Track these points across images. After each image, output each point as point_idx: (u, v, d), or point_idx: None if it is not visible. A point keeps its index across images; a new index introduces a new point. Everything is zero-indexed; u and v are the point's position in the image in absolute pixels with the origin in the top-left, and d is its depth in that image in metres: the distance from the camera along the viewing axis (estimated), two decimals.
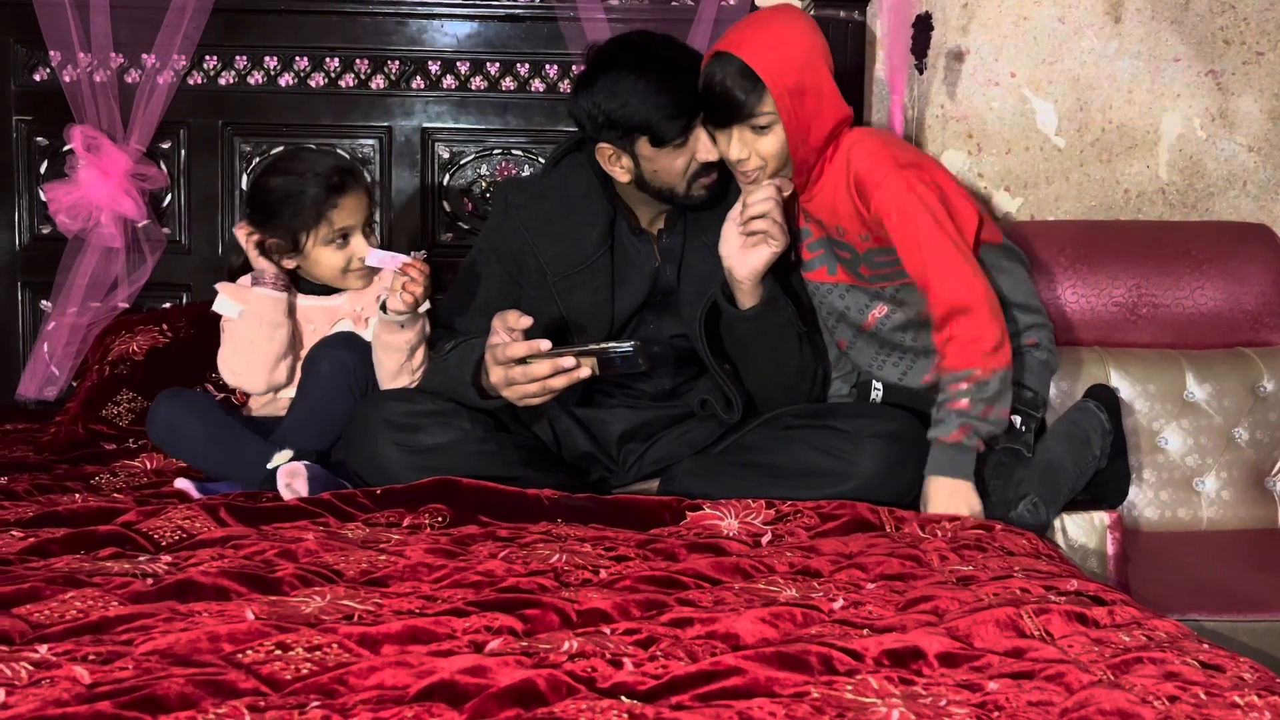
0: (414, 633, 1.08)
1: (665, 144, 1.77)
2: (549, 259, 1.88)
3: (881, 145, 1.80)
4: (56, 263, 2.44)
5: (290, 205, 1.91)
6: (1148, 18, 2.61)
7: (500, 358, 1.69)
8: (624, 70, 1.78)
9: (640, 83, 1.76)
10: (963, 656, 1.07)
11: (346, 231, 1.93)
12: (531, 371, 1.67)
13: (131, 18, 2.42)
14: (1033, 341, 1.89)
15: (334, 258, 1.93)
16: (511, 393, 1.71)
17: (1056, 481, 1.78)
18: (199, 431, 1.82)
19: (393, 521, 1.54)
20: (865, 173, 1.75)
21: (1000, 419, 1.73)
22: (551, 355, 1.66)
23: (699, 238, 1.89)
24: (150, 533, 1.44)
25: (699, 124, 1.79)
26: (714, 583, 1.31)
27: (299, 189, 1.91)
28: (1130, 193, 2.65)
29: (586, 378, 1.69)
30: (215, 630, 1.05)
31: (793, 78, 1.72)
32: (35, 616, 1.10)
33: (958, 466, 1.71)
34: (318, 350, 1.89)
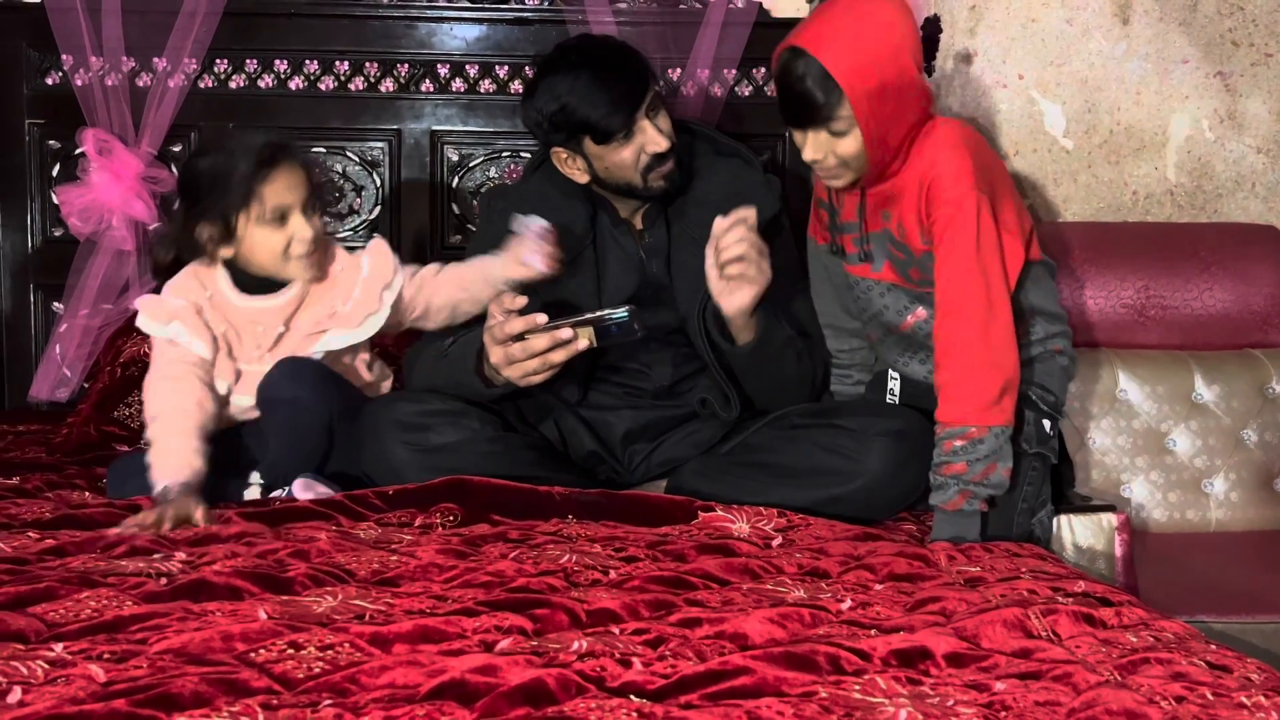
0: (425, 632, 1.09)
1: (609, 139, 1.80)
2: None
3: (970, 157, 1.71)
4: (68, 265, 2.46)
5: (219, 185, 1.73)
6: (1156, 19, 2.61)
7: (499, 336, 1.71)
8: (560, 73, 1.81)
9: (575, 82, 1.79)
10: (970, 657, 1.08)
11: (283, 210, 1.74)
12: (530, 346, 1.68)
13: (143, 22, 2.44)
14: (1058, 349, 1.87)
15: (272, 239, 1.74)
16: (513, 371, 1.70)
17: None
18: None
19: (404, 522, 1.55)
20: (941, 184, 1.69)
21: (1000, 479, 1.67)
22: (548, 328, 1.67)
23: (686, 231, 1.89)
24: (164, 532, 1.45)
25: (641, 116, 1.79)
26: (723, 583, 1.32)
27: (226, 166, 1.74)
28: (1138, 194, 2.65)
29: (585, 349, 1.69)
30: (228, 629, 1.06)
31: (874, 81, 1.65)
32: (51, 616, 1.11)
33: (963, 530, 1.67)
34: (269, 393, 1.73)
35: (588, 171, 1.87)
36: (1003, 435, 1.67)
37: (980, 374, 1.66)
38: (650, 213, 1.93)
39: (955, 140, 1.73)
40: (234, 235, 1.75)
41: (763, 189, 1.93)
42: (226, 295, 1.81)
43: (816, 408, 1.88)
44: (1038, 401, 1.80)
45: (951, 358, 1.69)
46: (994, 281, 1.69)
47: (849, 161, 1.72)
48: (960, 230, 1.68)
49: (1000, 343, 1.68)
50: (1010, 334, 1.69)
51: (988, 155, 1.82)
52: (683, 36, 2.49)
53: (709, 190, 1.91)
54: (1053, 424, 1.81)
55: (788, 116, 1.72)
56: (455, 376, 1.80)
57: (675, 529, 1.55)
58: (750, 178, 1.94)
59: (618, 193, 1.89)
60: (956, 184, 1.69)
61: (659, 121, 1.83)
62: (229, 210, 1.73)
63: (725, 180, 1.92)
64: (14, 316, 2.53)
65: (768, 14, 2.57)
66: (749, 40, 2.49)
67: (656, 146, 1.81)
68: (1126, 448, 2.26)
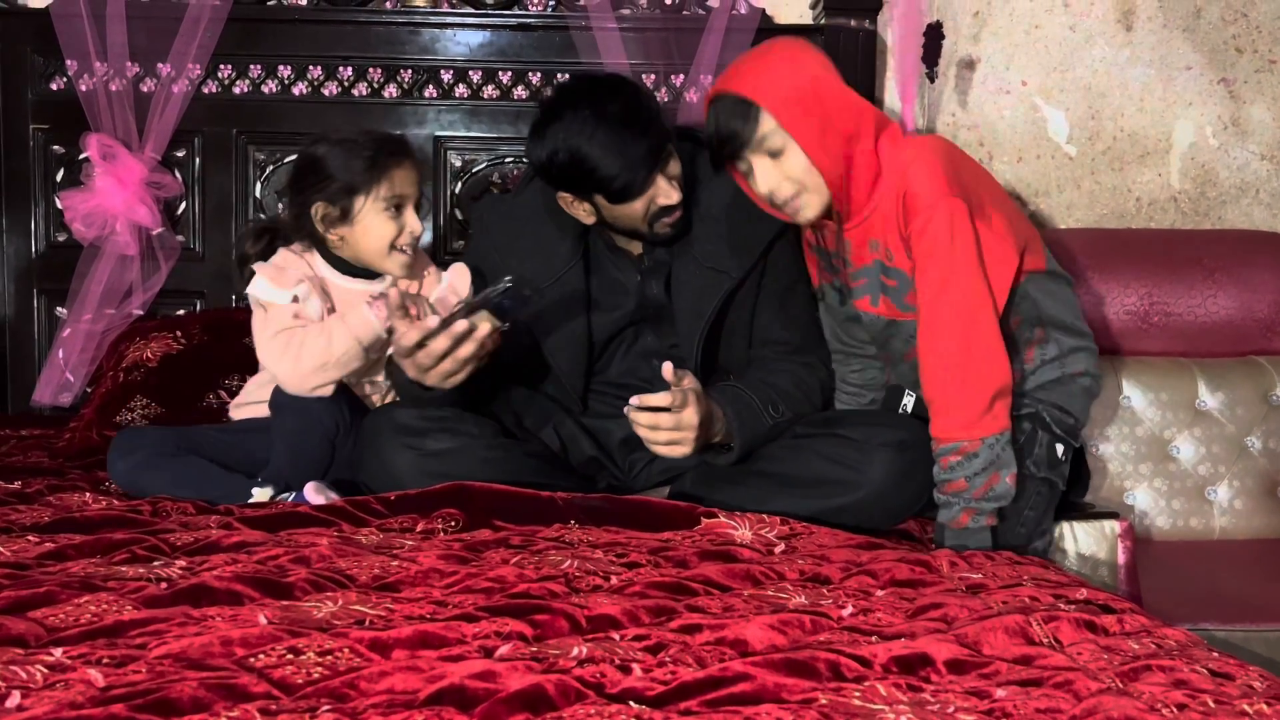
0: (424, 638, 1.09)
1: (624, 200, 1.76)
2: (519, 275, 1.87)
3: (941, 163, 1.68)
4: (72, 270, 2.46)
5: (350, 164, 1.77)
6: (1159, 26, 2.61)
7: (399, 352, 1.67)
8: (572, 122, 1.72)
9: (591, 138, 1.70)
10: (971, 663, 1.07)
11: (401, 201, 1.79)
12: (432, 350, 1.63)
13: (147, 27, 2.45)
14: (1079, 371, 1.80)
15: (386, 226, 1.78)
16: (432, 377, 1.66)
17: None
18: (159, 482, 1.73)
19: (406, 527, 1.55)
20: (915, 195, 1.66)
21: (1005, 489, 1.64)
22: (443, 328, 1.62)
23: (688, 249, 1.87)
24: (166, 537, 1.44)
25: (657, 173, 1.75)
26: (724, 589, 1.31)
27: (358, 147, 1.79)
28: (1142, 201, 2.65)
29: (492, 331, 1.64)
30: (228, 634, 1.06)
31: (786, 87, 1.65)
32: (50, 620, 1.11)
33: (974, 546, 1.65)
34: (280, 398, 1.77)
35: (593, 214, 1.82)
36: (998, 444, 1.64)
37: (966, 386, 1.64)
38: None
39: (924, 150, 1.70)
40: (349, 217, 1.77)
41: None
42: (327, 275, 1.85)
43: (820, 417, 1.87)
44: (1051, 424, 1.75)
45: (935, 371, 1.66)
46: (973, 287, 1.65)
47: (802, 180, 1.69)
48: (934, 237, 1.64)
49: (984, 351, 1.64)
50: (994, 340, 1.65)
51: (965, 163, 1.79)
52: (686, 43, 2.49)
53: (710, 203, 1.88)
54: (1066, 448, 1.77)
55: (725, 156, 1.72)
56: (405, 391, 1.78)
57: (678, 534, 1.55)
58: None
59: (623, 234, 1.87)
60: (928, 191, 1.65)
61: (670, 171, 1.78)
62: (355, 187, 1.76)
63: (728, 191, 1.87)
64: (18, 321, 2.53)
65: (771, 20, 2.57)
66: (752, 46, 2.49)
67: (668, 200, 1.77)
68: (1130, 455, 2.26)
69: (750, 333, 1.92)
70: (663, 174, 1.76)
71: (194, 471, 1.76)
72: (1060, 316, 1.82)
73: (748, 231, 1.86)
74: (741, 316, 1.91)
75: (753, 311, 1.91)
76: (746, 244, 1.86)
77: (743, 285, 1.88)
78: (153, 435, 1.84)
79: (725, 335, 1.90)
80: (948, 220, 1.64)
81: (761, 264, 1.89)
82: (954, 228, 1.64)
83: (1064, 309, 1.84)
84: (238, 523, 1.52)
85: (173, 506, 1.64)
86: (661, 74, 2.54)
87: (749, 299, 1.91)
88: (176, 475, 1.74)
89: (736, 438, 1.77)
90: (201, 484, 1.74)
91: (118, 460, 1.78)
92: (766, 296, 1.91)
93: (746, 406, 1.79)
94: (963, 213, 1.65)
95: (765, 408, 1.81)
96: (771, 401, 1.81)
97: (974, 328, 1.65)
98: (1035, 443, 1.74)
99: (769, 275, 1.91)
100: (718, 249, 1.85)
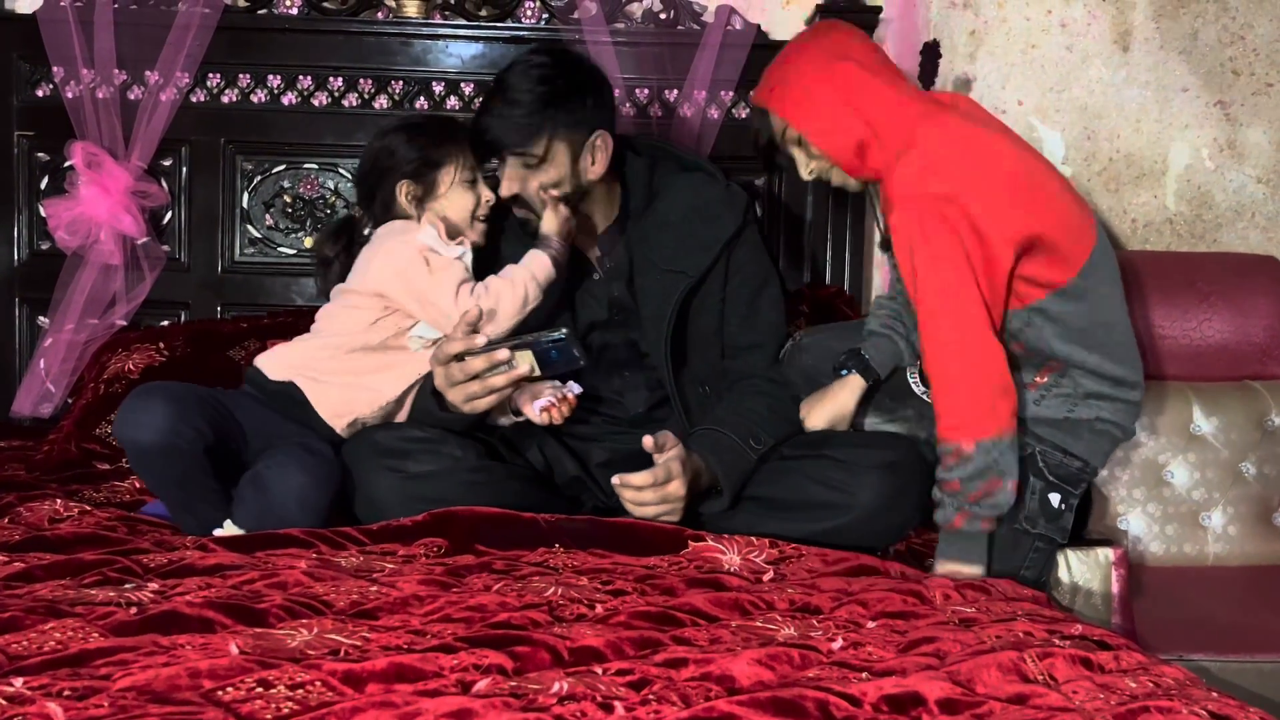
0: (400, 670, 1.06)
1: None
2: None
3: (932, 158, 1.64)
4: (55, 279, 2.43)
5: (427, 143, 1.86)
6: (1156, 47, 2.60)
7: (440, 357, 1.68)
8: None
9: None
10: (964, 703, 1.04)
11: (474, 176, 1.87)
12: (468, 367, 1.65)
13: (135, 35, 2.42)
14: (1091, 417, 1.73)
15: (467, 198, 1.86)
16: (456, 394, 1.68)
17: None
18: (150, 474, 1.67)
19: (387, 551, 1.51)
20: (891, 189, 1.66)
21: (1005, 497, 1.61)
22: (487, 350, 1.64)
23: (646, 256, 1.87)
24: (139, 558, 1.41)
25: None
26: (711, 620, 1.28)
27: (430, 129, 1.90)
28: (1137, 223, 2.63)
29: (526, 375, 1.66)
30: (196, 665, 1.02)
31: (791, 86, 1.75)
32: (13, 648, 1.08)
33: (966, 552, 1.64)
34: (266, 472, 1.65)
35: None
36: (995, 449, 1.59)
37: (960, 385, 1.61)
38: (606, 237, 1.91)
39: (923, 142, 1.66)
40: (434, 193, 1.85)
41: (723, 204, 1.90)
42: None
43: (807, 439, 1.84)
44: (1045, 470, 1.70)
45: (930, 369, 1.65)
46: (953, 283, 1.60)
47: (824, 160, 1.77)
48: (904, 238, 1.63)
49: (977, 353, 1.60)
50: (985, 337, 1.60)
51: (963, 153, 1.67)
52: (680, 58, 2.48)
53: (669, 211, 1.88)
54: (1064, 498, 1.70)
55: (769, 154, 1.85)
56: (420, 401, 1.78)
57: (664, 560, 1.52)
58: (712, 193, 1.91)
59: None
60: (906, 186, 1.63)
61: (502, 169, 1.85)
62: (438, 162, 1.84)
63: (687, 198, 1.89)
64: None
65: (766, 36, 2.55)
66: (746, 62, 2.48)
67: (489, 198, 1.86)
68: (1124, 479, 2.23)
69: (720, 340, 1.90)
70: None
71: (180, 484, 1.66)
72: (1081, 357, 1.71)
73: (704, 233, 1.87)
74: (708, 322, 1.90)
75: (720, 319, 1.89)
76: (703, 244, 1.87)
77: (702, 285, 1.87)
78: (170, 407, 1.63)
79: (692, 341, 1.89)
80: (917, 221, 1.61)
81: (724, 266, 1.89)
82: (925, 227, 1.60)
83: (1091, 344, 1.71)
84: (214, 544, 1.48)
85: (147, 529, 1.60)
86: (655, 89, 2.52)
87: (713, 304, 1.89)
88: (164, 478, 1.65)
89: (724, 484, 1.76)
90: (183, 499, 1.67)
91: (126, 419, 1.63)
92: (733, 301, 1.90)
93: (728, 450, 1.78)
94: (940, 212, 1.59)
95: (746, 441, 1.79)
96: (751, 434, 1.80)
97: (962, 326, 1.61)
98: (1028, 491, 1.68)
99: (734, 279, 1.90)
100: (675, 252, 1.86)
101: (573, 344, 1.63)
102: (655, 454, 1.68)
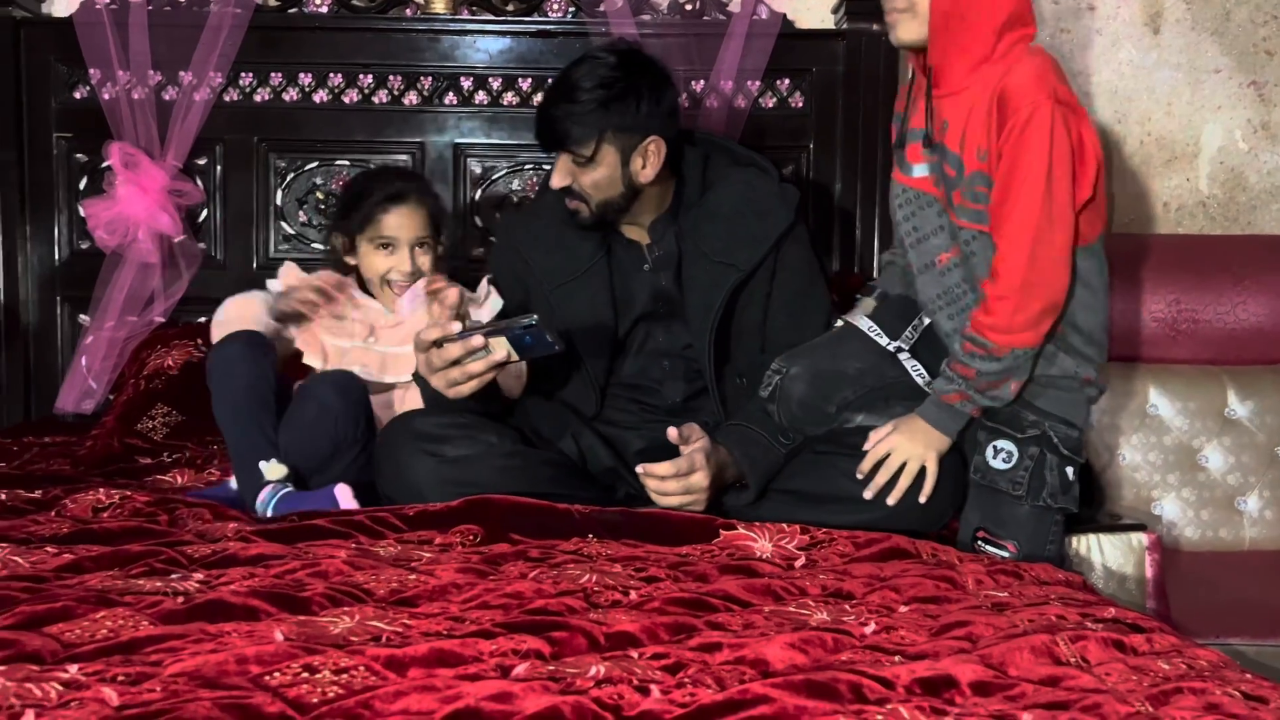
0: (441, 655, 1.08)
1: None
2: (544, 270, 1.90)
3: (1049, 71, 1.66)
4: (95, 277, 2.48)
5: (351, 205, 2.00)
6: (1187, 29, 2.58)
7: (418, 344, 1.70)
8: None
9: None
10: (996, 685, 1.05)
11: (391, 242, 1.96)
12: (445, 354, 1.66)
13: (169, 36, 2.46)
14: (1088, 377, 1.75)
15: (376, 262, 1.98)
16: (438, 380, 1.69)
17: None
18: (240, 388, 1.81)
19: (424, 539, 1.54)
20: (1017, 91, 1.62)
21: (1006, 395, 1.69)
22: (462, 336, 1.66)
23: (697, 246, 1.87)
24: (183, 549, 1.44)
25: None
26: (744, 605, 1.30)
27: (361, 191, 2.01)
28: (1170, 206, 2.61)
29: (503, 360, 1.67)
30: (243, 652, 1.05)
31: None
32: (67, 636, 1.11)
33: (943, 422, 1.71)
34: (311, 387, 1.85)
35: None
36: (1023, 355, 1.67)
37: (1022, 291, 1.63)
38: (657, 226, 1.91)
39: (1035, 55, 1.68)
40: (355, 249, 2.00)
41: (775, 199, 1.90)
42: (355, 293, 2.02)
43: (839, 432, 1.84)
44: (1059, 444, 1.71)
45: (1003, 270, 1.64)
46: (1059, 196, 1.63)
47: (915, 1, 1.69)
48: (1033, 136, 1.61)
49: (1051, 262, 1.63)
50: (1066, 256, 1.65)
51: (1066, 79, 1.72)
52: (706, 48, 2.48)
53: (721, 203, 1.89)
54: (1075, 468, 1.72)
55: None
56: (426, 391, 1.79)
57: (697, 548, 1.53)
58: (764, 188, 1.92)
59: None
60: (1035, 90, 1.62)
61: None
62: (351, 228, 1.99)
63: (739, 191, 1.90)
64: (41, 328, 2.55)
65: (792, 25, 2.55)
66: (773, 51, 2.48)
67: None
68: (1158, 464, 2.22)
69: (763, 335, 1.90)
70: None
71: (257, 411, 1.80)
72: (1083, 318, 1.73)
73: (756, 227, 1.87)
74: (753, 316, 1.90)
75: (765, 312, 1.90)
76: (754, 238, 1.87)
77: (751, 279, 1.88)
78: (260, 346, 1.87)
79: (736, 334, 1.90)
80: (1048, 123, 1.60)
81: (773, 262, 1.89)
82: (1054, 133, 1.61)
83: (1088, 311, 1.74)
84: (255, 535, 1.51)
85: (188, 514, 1.64)
86: (682, 79, 2.52)
87: (759, 298, 1.90)
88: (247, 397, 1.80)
89: (750, 479, 1.77)
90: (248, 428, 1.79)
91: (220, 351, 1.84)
92: (779, 299, 1.91)
93: (754, 444, 1.78)
94: (1062, 121, 1.62)
95: (775, 437, 1.80)
96: (780, 429, 1.80)
97: (1051, 235, 1.63)
98: (1046, 468, 1.69)
99: (781, 275, 1.90)
100: (726, 244, 1.86)
101: (544, 330, 1.64)
102: (680, 445, 1.70)
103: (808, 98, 2.55)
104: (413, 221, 1.97)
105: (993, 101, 1.64)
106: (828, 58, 2.53)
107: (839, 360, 1.80)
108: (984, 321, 1.66)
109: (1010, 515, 1.70)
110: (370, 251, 1.97)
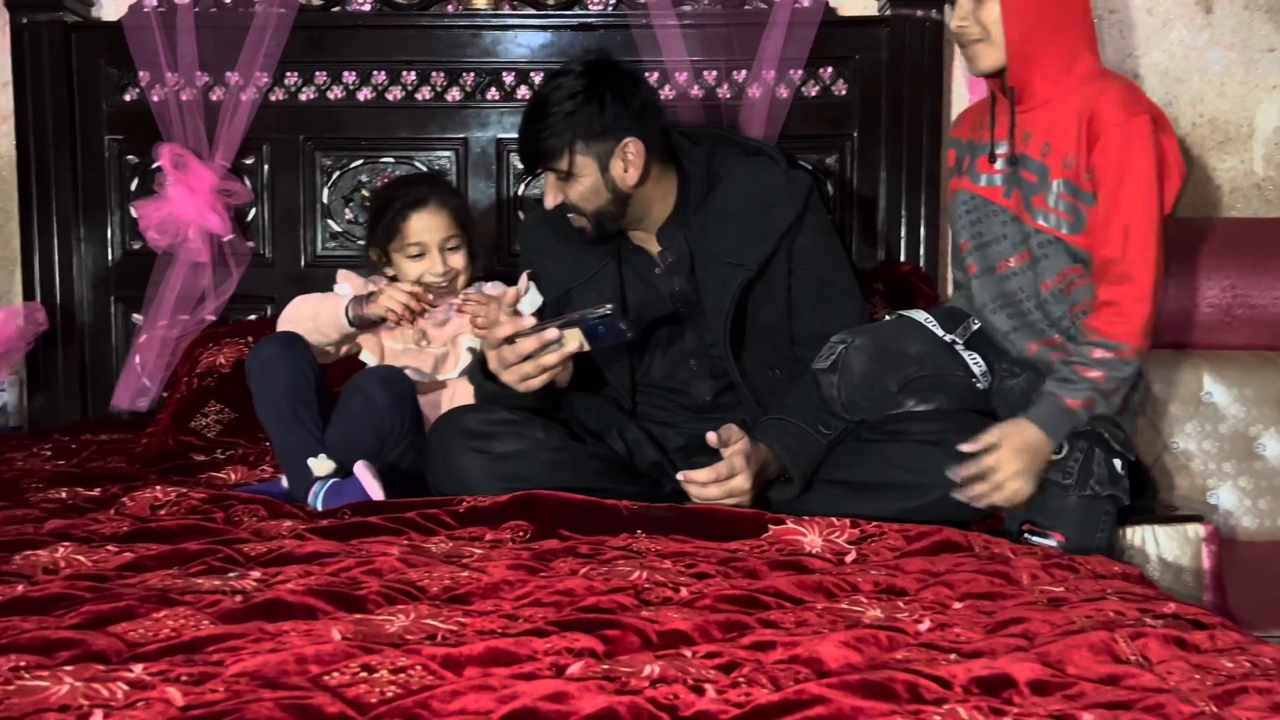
0: (496, 654, 1.08)
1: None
2: (553, 276, 1.91)
3: (1136, 88, 1.81)
4: (147, 277, 2.52)
5: (377, 219, 2.04)
6: (1240, 7, 2.52)
7: (490, 341, 1.71)
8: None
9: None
10: (1055, 684, 1.04)
11: (422, 248, 1.98)
12: (519, 349, 1.68)
13: (216, 37, 2.49)
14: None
15: (410, 268, 2.00)
16: (509, 375, 1.71)
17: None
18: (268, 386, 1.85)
19: (475, 536, 1.55)
20: (1110, 109, 1.72)
21: (1116, 404, 1.71)
22: (535, 330, 1.67)
23: (707, 248, 1.85)
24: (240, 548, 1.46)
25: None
26: (796, 602, 1.29)
27: (383, 204, 2.03)
28: (1223, 188, 2.56)
29: (576, 351, 1.68)
30: (302, 651, 1.06)
31: None
32: (130, 635, 1.13)
33: (1055, 429, 1.69)
34: (358, 381, 1.88)
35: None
36: (1138, 363, 1.72)
37: (1151, 302, 1.71)
38: (666, 230, 1.90)
39: (1126, 80, 1.81)
40: (390, 261, 2.03)
41: (781, 191, 1.87)
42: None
43: (884, 419, 1.83)
44: (1110, 440, 1.70)
45: (1136, 274, 1.70)
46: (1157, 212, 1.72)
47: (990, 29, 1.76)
48: (1138, 151, 1.70)
49: (1159, 274, 1.72)
50: (1162, 267, 1.73)
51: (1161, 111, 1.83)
52: (748, 37, 2.47)
53: (728, 200, 1.86)
54: (1124, 463, 1.71)
55: None
56: (476, 381, 1.81)
57: (746, 544, 1.53)
58: (772, 180, 1.88)
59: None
60: (1132, 107, 1.73)
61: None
62: (381, 241, 2.03)
63: (746, 185, 1.87)
64: (95, 327, 2.59)
65: (834, 12, 2.53)
66: (815, 40, 2.46)
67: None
68: (1213, 453, 2.19)
69: (791, 330, 1.89)
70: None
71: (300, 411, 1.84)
72: None
73: (762, 223, 1.85)
74: (772, 313, 1.87)
75: (788, 307, 1.88)
76: (760, 234, 1.85)
77: (763, 275, 1.85)
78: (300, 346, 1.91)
79: (756, 330, 1.87)
80: (1149, 138, 1.71)
81: (785, 256, 1.86)
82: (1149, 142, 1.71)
83: None
84: (310, 532, 1.53)
85: (244, 511, 1.66)
86: (723, 70, 2.51)
87: (777, 293, 1.87)
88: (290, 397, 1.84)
89: (793, 472, 1.76)
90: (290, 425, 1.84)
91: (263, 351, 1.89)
92: (801, 290, 1.88)
93: (795, 436, 1.77)
94: (1152, 135, 1.72)
95: (815, 428, 1.79)
96: (821, 420, 1.79)
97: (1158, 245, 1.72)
98: (1094, 460, 1.69)
99: (799, 268, 1.88)
100: (735, 244, 1.85)
101: (619, 318, 1.66)
102: (721, 448, 1.69)
103: (851, 85, 2.53)
104: (437, 223, 1.99)
105: (1083, 116, 1.73)
106: (871, 45, 2.51)
107: (902, 341, 1.82)
108: (1120, 327, 1.70)
109: (1059, 505, 1.68)
110: (403, 260, 2.00)
